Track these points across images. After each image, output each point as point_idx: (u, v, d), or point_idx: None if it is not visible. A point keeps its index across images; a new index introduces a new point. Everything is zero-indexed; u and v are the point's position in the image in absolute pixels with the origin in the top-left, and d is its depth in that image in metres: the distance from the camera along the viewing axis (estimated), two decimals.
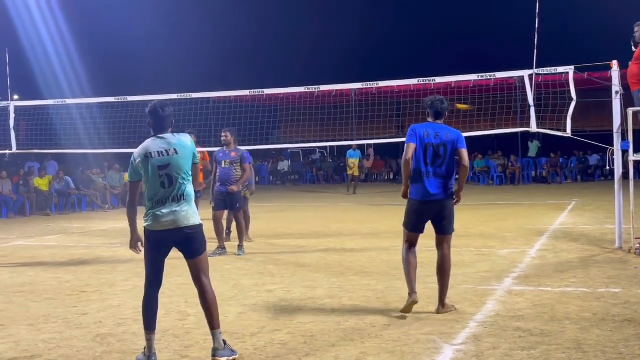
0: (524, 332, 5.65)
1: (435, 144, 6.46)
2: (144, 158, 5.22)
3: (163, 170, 5.19)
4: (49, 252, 11.51)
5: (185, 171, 5.24)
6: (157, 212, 5.18)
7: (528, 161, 28.32)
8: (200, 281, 5.31)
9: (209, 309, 5.24)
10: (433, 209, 6.45)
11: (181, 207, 5.19)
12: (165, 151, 5.21)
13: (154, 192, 5.21)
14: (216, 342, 5.18)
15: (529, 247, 10.34)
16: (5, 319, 6.63)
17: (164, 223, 5.17)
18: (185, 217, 5.20)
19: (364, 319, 6.22)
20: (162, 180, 5.19)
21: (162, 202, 5.18)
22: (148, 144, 5.29)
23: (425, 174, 6.42)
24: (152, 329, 5.20)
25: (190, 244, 5.27)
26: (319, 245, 11.39)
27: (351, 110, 25.24)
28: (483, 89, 15.35)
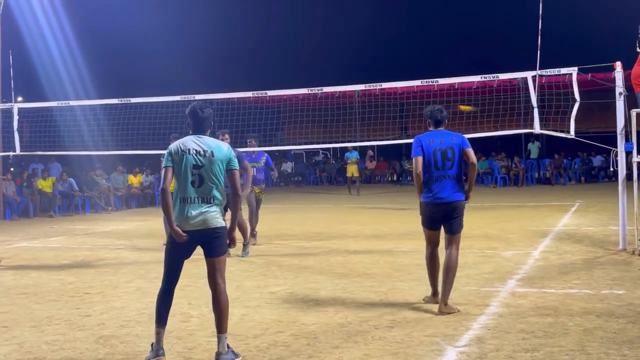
0: (528, 333, 5.64)
1: (442, 149, 6.66)
2: (182, 152, 5.26)
3: (197, 169, 5.23)
4: (52, 254, 11.52)
5: (217, 175, 5.26)
6: (187, 213, 5.21)
7: (531, 162, 28.29)
8: (215, 282, 5.32)
9: (220, 312, 5.26)
10: (444, 210, 6.64)
11: (210, 208, 5.23)
12: (203, 151, 5.26)
13: (184, 190, 5.24)
14: (220, 347, 5.21)
15: (533, 249, 10.33)
16: (9, 321, 6.64)
17: (194, 224, 5.21)
18: (214, 217, 5.24)
19: (367, 321, 6.21)
20: (194, 179, 5.23)
21: (191, 202, 5.21)
22: (186, 140, 5.34)
23: (436, 178, 6.63)
24: (163, 323, 5.24)
25: (214, 243, 5.30)
26: (322, 246, 11.38)
27: (354, 111, 25.30)
28: (486, 90, 15.33)
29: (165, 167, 5.31)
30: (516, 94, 17.83)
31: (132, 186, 22.60)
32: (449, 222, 6.71)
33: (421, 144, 6.73)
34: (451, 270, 6.63)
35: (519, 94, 18.19)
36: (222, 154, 5.31)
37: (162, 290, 5.34)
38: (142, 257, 10.71)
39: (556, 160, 27.51)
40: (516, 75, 11.75)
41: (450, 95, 20.08)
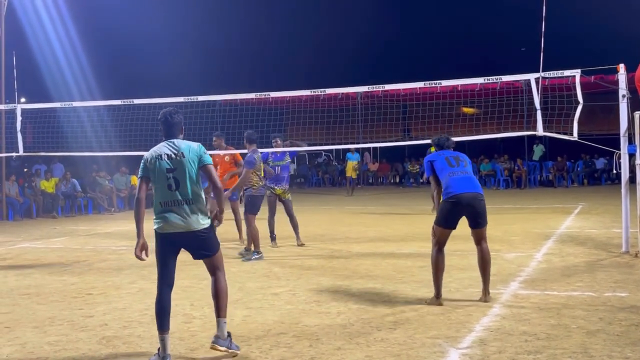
0: (530, 336, 5.63)
1: (453, 156, 7.12)
2: (155, 160, 5.34)
3: (171, 172, 5.28)
4: (55, 255, 11.54)
5: (192, 175, 5.29)
6: (167, 215, 5.25)
7: (534, 165, 28.28)
8: (215, 274, 5.48)
9: (217, 297, 5.40)
10: (467, 201, 6.87)
11: (191, 210, 5.26)
12: (174, 154, 5.31)
13: (162, 194, 5.29)
14: (219, 330, 5.32)
15: (535, 251, 10.32)
16: (11, 322, 6.64)
17: (176, 226, 5.24)
18: (197, 220, 5.27)
19: (369, 323, 6.21)
20: (169, 182, 5.28)
21: (170, 205, 5.25)
22: (159, 147, 5.42)
23: (454, 173, 6.96)
24: (165, 329, 5.24)
25: (202, 245, 5.36)
26: (325, 248, 11.38)
27: (357, 113, 25.33)
28: (489, 92, 15.32)
29: (139, 177, 5.42)
30: (519, 96, 17.85)
31: (135, 187, 22.60)
32: (474, 216, 6.96)
33: (431, 161, 7.16)
34: (488, 263, 7.09)
35: (522, 96, 18.20)
36: (193, 152, 5.35)
37: (158, 297, 5.32)
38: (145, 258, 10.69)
39: (559, 163, 27.49)
40: (519, 77, 11.74)
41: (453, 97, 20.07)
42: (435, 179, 7.14)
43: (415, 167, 31.19)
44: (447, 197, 6.92)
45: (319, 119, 19.97)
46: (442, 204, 6.99)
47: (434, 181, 7.18)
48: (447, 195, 6.92)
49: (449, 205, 6.90)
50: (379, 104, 24.92)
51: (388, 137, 25.35)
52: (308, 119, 20.81)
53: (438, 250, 7.04)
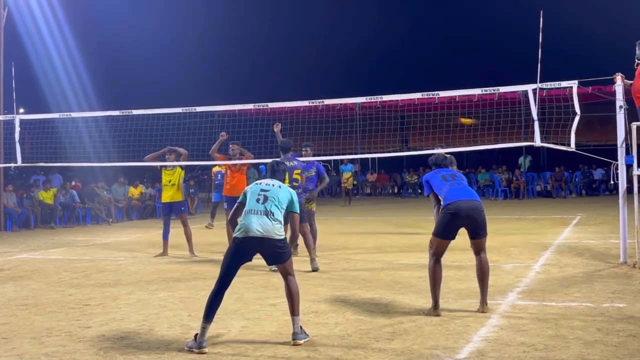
0: (528, 347, 5.63)
1: (449, 173, 7.28)
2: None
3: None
4: (53, 265, 11.52)
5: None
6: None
7: (532, 175, 28.31)
8: (286, 277, 6.22)
9: (291, 298, 6.11)
10: (467, 210, 6.90)
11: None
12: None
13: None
14: (295, 327, 6.00)
15: (533, 262, 10.32)
16: (9, 332, 6.63)
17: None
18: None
19: (367, 333, 6.20)
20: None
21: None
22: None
23: (452, 184, 7.07)
24: (210, 320, 5.92)
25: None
26: (323, 258, 11.36)
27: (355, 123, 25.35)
28: (487, 103, 15.36)
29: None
30: (517, 107, 17.89)
31: (133, 198, 22.62)
32: (474, 226, 6.99)
33: (429, 180, 7.30)
34: (486, 274, 7.09)
35: (519, 106, 18.25)
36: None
37: (214, 290, 6.05)
38: (142, 269, 10.70)
39: (557, 173, 27.53)
40: (517, 88, 11.77)
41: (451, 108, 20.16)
42: (435, 197, 7.23)
43: (413, 178, 31.21)
44: (445, 207, 6.94)
45: (317, 129, 19.99)
46: (441, 215, 6.99)
47: (434, 198, 7.26)
48: (445, 205, 6.94)
49: (448, 216, 6.91)
50: (377, 114, 24.94)
51: (386, 148, 25.36)
52: (306, 129, 20.82)
53: (435, 261, 7.05)
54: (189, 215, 12.83)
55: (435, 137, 16.58)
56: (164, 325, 6.73)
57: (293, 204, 6.33)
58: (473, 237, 7.06)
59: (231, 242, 6.19)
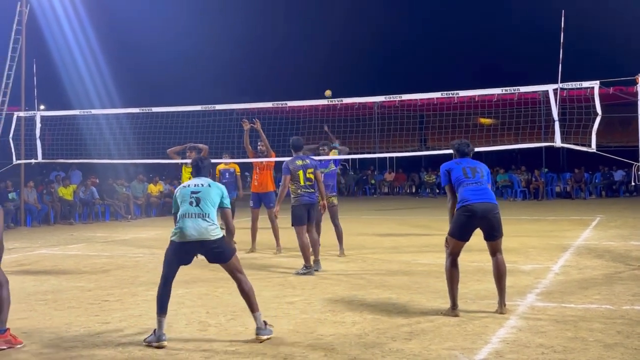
0: (547, 348, 5.59)
1: (471, 166, 7.02)
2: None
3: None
4: (72, 261, 11.61)
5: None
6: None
7: (552, 176, 28.12)
8: (235, 276, 6.22)
9: (247, 297, 6.13)
10: (482, 212, 6.79)
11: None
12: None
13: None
14: (258, 322, 6.02)
15: (553, 263, 10.24)
16: (29, 327, 6.69)
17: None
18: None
19: (384, 333, 6.19)
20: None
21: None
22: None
23: (469, 183, 6.88)
24: (164, 313, 6.06)
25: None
26: (340, 257, 11.36)
27: (374, 123, 25.33)
28: (507, 103, 15.27)
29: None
30: (537, 107, 17.77)
31: (152, 195, 22.74)
32: (488, 227, 6.90)
33: (448, 170, 7.05)
34: (503, 275, 7.01)
35: (539, 107, 18.12)
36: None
37: (160, 286, 6.18)
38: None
39: (577, 174, 27.31)
40: (537, 88, 11.71)
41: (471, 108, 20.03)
42: (451, 189, 7.04)
43: (431, 177, 31.10)
44: (461, 208, 6.86)
45: (335, 128, 19.96)
46: (457, 216, 6.91)
47: (450, 191, 7.07)
48: (461, 206, 6.86)
49: (463, 217, 6.84)
50: (395, 113, 24.87)
51: (405, 147, 25.27)
52: None
53: (452, 261, 7.00)
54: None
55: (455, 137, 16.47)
56: (182, 322, 6.76)
57: (223, 199, 6.27)
58: (488, 238, 7.00)
59: (169, 244, 6.18)
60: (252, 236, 12.40)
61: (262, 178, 12.46)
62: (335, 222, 11.61)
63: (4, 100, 17.81)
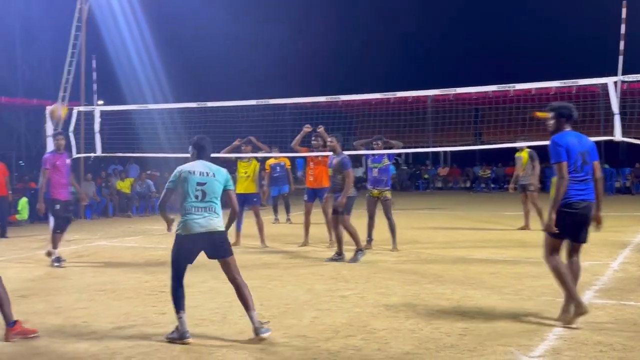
0: (605, 346, 5.47)
1: (582, 152, 6.25)
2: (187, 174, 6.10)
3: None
4: (129, 253, 11.85)
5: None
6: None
7: (611, 171, 27.46)
8: (233, 280, 6.16)
9: (243, 298, 6.03)
10: (586, 213, 6.18)
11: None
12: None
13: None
14: (255, 322, 5.89)
15: (612, 260, 10.01)
16: (88, 316, 6.86)
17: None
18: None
19: (439, 328, 6.14)
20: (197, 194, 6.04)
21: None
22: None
23: (577, 178, 6.15)
24: (183, 308, 5.98)
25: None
26: (393, 252, 11.32)
27: (427, 117, 25.11)
28: (565, 96, 14.95)
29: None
30: (596, 101, 17.35)
31: None
32: (583, 228, 6.25)
33: (566, 146, 6.18)
34: (578, 278, 6.45)
35: (598, 100, 17.69)
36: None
37: (174, 286, 6.09)
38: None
39: (637, 169, 26.61)
40: (597, 81, 11.42)
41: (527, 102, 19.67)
42: (564, 168, 6.08)
43: (486, 172, 30.71)
44: (568, 205, 6.11)
45: (388, 122, 19.90)
46: (559, 214, 6.09)
47: (563, 169, 6.07)
48: (569, 203, 6.11)
49: (566, 216, 6.10)
50: (449, 107, 24.63)
51: (459, 141, 25.02)
52: (378, 122, 20.74)
53: (554, 256, 6.31)
54: (261, 207, 12.96)
55: (510, 131, 16.25)
56: (237, 314, 6.82)
57: (227, 182, 6.20)
58: (578, 239, 6.31)
59: (175, 239, 6.07)
60: (305, 229, 12.45)
61: (316, 173, 12.49)
62: (389, 216, 11.61)
63: (65, 95, 18.25)
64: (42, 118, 15.20)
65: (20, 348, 5.74)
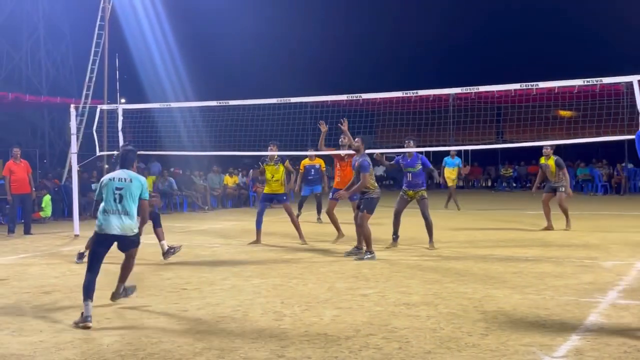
0: (630, 347, 5.41)
1: None
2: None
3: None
4: (151, 250, 11.89)
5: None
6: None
7: (635, 170, 27.18)
8: (129, 257, 7.24)
9: (125, 269, 7.20)
10: None
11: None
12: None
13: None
14: (118, 289, 7.18)
15: (636, 260, 9.90)
16: (111, 312, 6.92)
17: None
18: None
19: (460, 327, 6.12)
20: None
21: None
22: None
23: None
24: (92, 298, 6.58)
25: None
26: (414, 250, 11.30)
27: (449, 115, 25.01)
28: (589, 94, 14.81)
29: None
30: (620, 99, 17.17)
31: (228, 186, 23.13)
32: None
33: None
34: None
35: (623, 98, 17.50)
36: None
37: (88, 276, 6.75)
38: (236, 256, 10.94)
39: None
40: (621, 79, 11.31)
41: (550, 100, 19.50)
42: None
43: (508, 171, 30.52)
44: None
45: (409, 120, 19.83)
46: None
47: None
48: None
49: None
50: (472, 105, 24.49)
51: (481, 140, 24.86)
52: (399, 120, 20.70)
53: None
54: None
55: (533, 130, 16.16)
56: (258, 312, 6.85)
57: (143, 191, 6.97)
58: None
59: (94, 234, 7.12)
60: (335, 225, 12.41)
61: (344, 174, 12.48)
62: (426, 215, 11.74)
63: (88, 94, 18.42)
64: (66, 116, 15.35)
65: (44, 344, 5.81)
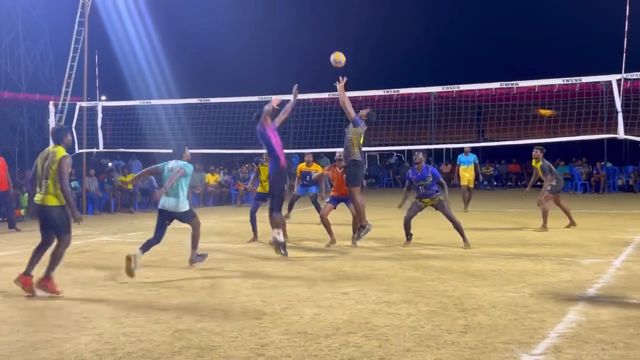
0: (608, 344, 5.46)
1: None
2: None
3: None
4: (132, 248, 11.80)
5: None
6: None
7: (614, 169, 27.43)
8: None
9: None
10: None
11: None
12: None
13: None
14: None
15: (614, 258, 9.99)
16: (89, 312, 6.86)
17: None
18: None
19: (440, 325, 6.14)
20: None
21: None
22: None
23: None
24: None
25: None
26: (395, 249, 11.32)
27: (430, 113, 25.09)
28: (568, 93, 14.93)
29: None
30: (599, 98, 17.33)
31: (209, 185, 23.04)
32: None
33: None
34: None
35: (602, 97, 17.67)
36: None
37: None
38: (216, 255, 10.90)
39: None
40: (600, 78, 11.41)
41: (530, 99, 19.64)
42: None
43: (489, 170, 30.66)
44: None
45: (391, 119, 19.89)
46: None
47: None
48: None
49: None
50: (453, 104, 24.60)
51: (462, 139, 24.99)
52: (380, 118, 20.72)
53: None
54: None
55: (513, 128, 16.25)
56: (238, 310, 6.83)
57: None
58: None
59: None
60: (327, 229, 12.12)
61: (338, 183, 12.30)
62: (451, 217, 11.67)
63: (67, 91, 18.25)
64: (45, 113, 15.23)
65: (21, 343, 5.75)
